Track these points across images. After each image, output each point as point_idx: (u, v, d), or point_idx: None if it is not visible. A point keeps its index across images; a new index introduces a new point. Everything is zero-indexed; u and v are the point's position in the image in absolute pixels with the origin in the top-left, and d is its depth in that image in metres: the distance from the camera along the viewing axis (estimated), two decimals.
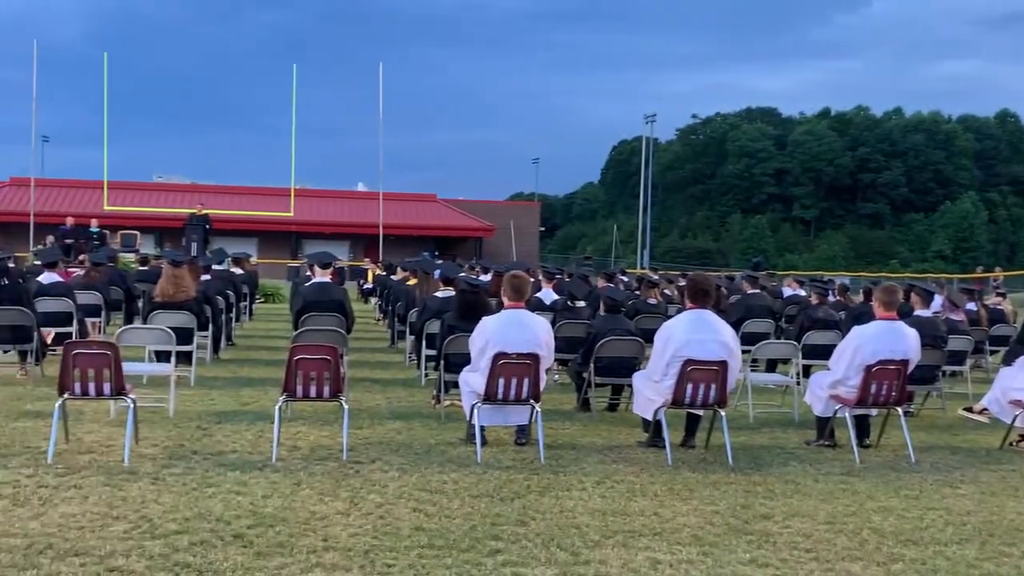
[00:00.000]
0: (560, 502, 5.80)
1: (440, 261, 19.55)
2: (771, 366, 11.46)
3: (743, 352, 7.96)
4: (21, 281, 10.34)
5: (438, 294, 10.13)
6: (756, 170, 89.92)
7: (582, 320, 10.20)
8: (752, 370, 9.56)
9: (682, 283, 15.57)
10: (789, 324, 13.09)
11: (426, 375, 10.29)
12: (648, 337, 8.56)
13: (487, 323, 7.22)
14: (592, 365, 8.71)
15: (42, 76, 30.82)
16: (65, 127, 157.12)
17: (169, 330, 8.41)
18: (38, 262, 14.17)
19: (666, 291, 14.77)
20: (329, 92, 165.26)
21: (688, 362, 7.05)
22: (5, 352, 10.26)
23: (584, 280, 11.87)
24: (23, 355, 10.01)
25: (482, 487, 6.08)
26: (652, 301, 11.98)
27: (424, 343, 9.97)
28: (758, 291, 13.24)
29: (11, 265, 10.57)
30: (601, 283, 13.01)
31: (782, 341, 10.96)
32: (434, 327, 9.44)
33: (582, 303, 10.82)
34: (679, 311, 9.25)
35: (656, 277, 15.66)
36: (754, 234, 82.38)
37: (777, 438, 8.29)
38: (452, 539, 4.96)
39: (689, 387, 7.11)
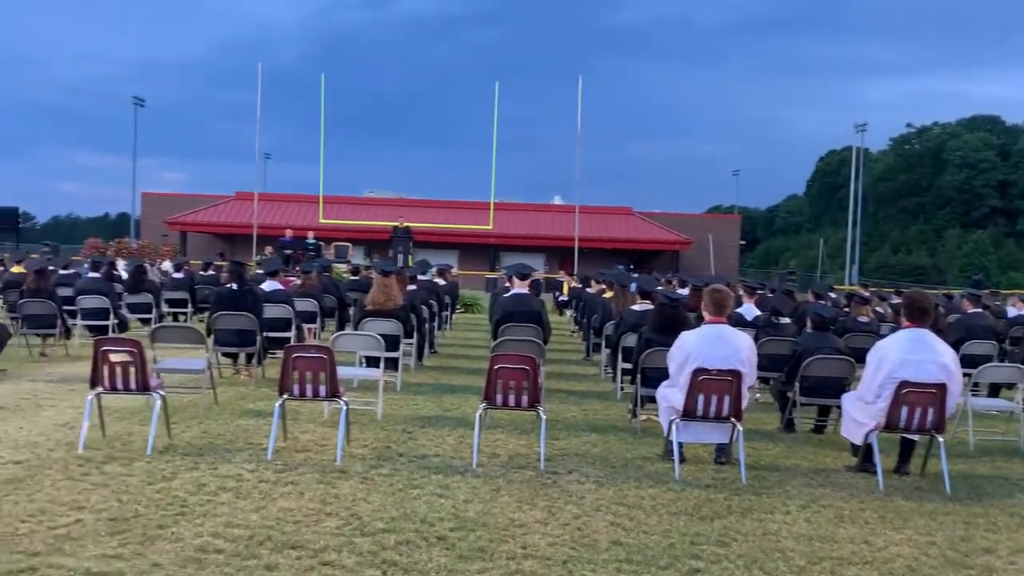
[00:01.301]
0: (763, 524, 5.62)
1: (636, 274, 19.44)
2: (994, 391, 10.65)
3: (963, 375, 7.43)
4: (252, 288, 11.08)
5: (635, 307, 10.07)
6: (977, 181, 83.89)
7: (787, 337, 9.86)
8: (973, 394, 8.93)
9: (895, 300, 14.79)
10: (1014, 347, 12.12)
11: (622, 388, 10.25)
12: (858, 356, 8.16)
13: (687, 338, 7.10)
14: (798, 384, 8.40)
15: (266, 97, 33.08)
16: (285, 145, 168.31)
17: (379, 337, 8.79)
18: (260, 271, 15.21)
19: (878, 309, 14.03)
20: (529, 107, 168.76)
21: (903, 384, 6.67)
22: (225, 355, 11.00)
23: (789, 295, 11.47)
24: (249, 357, 10.74)
25: (680, 504, 5.97)
26: (863, 319, 11.42)
27: (620, 356, 9.94)
28: (980, 311, 12.35)
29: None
30: (809, 299, 12.54)
31: (1007, 364, 10.14)
32: (630, 340, 9.39)
33: (787, 320, 10.45)
34: (892, 330, 8.76)
35: (867, 294, 14.92)
36: (974, 250, 76.73)
37: (1000, 468, 7.69)
38: (650, 555, 4.90)
39: (904, 410, 6.72)
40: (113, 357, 6.85)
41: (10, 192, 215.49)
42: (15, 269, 16.70)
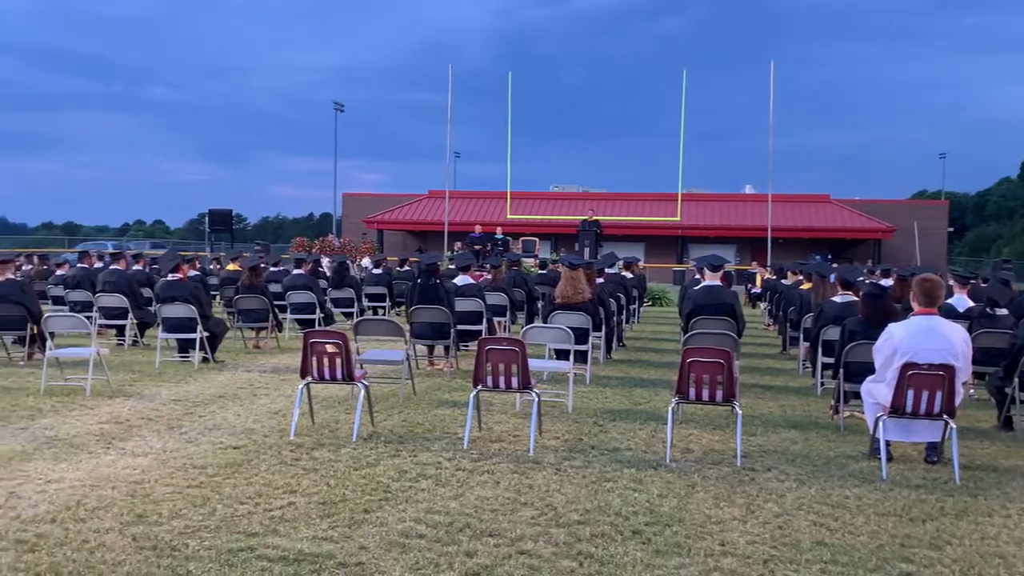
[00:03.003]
0: (980, 528, 5.24)
1: (834, 264, 18.61)
2: None
3: None
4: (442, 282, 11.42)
5: (836, 299, 9.64)
6: None
7: (1004, 329, 9.16)
8: None
9: None
10: None
11: (822, 384, 9.85)
12: None
13: (894, 330, 6.71)
14: (1017, 379, 7.78)
15: (455, 97, 34.03)
16: (474, 143, 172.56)
17: (568, 329, 8.83)
18: (452, 266, 15.63)
19: None
20: (717, 95, 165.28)
21: None
22: (428, 347, 11.39)
23: (1005, 285, 10.63)
24: (445, 350, 11.06)
25: (888, 505, 5.66)
26: None
27: (821, 350, 9.55)
28: None
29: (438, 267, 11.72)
30: None
31: None
32: (831, 333, 9.01)
33: (1003, 310, 9.71)
34: None
35: None
36: None
37: None
38: (857, 557, 4.67)
39: None
40: (321, 349, 7.21)
41: (226, 195, 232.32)
42: (230, 267, 17.95)
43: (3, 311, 11.14)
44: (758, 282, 24.59)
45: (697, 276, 13.19)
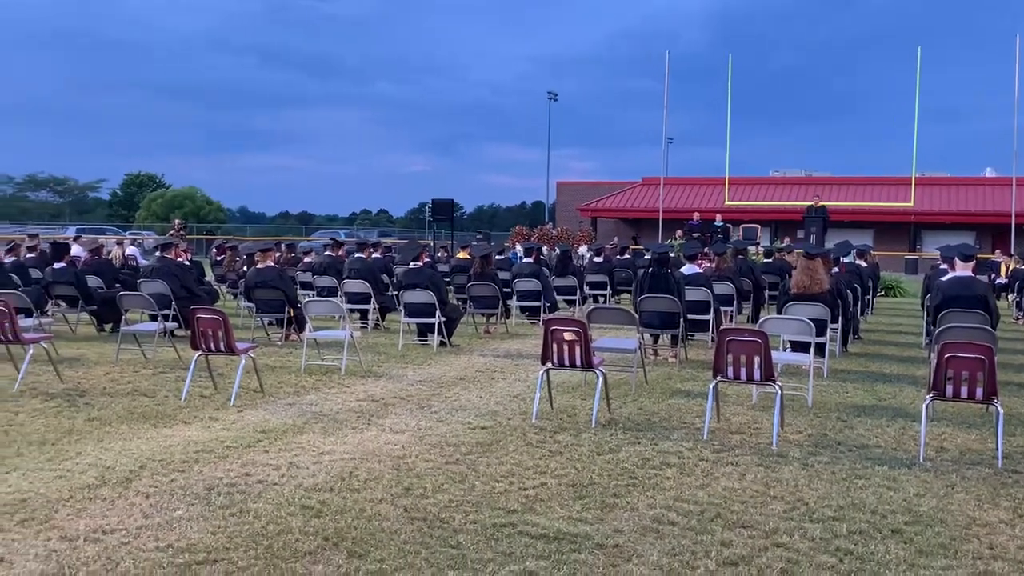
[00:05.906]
0: None
1: None
2: None
3: None
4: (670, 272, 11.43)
5: None
6: None
7: None
8: None
9: None
10: None
11: None
12: None
13: None
14: None
15: (671, 83, 33.32)
16: (688, 128, 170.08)
17: (809, 321, 8.62)
18: (672, 254, 15.55)
19: None
20: (954, 72, 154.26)
21: None
22: (652, 336, 11.44)
23: None
24: (674, 339, 11.09)
25: None
26: None
27: None
28: None
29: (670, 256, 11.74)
30: None
31: None
32: None
33: None
34: None
35: None
36: None
37: None
38: None
39: None
40: (561, 336, 7.43)
41: (442, 184, 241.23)
42: (460, 255, 18.68)
43: (265, 295, 12.18)
44: (1003, 272, 22.85)
45: (943, 266, 12.46)
